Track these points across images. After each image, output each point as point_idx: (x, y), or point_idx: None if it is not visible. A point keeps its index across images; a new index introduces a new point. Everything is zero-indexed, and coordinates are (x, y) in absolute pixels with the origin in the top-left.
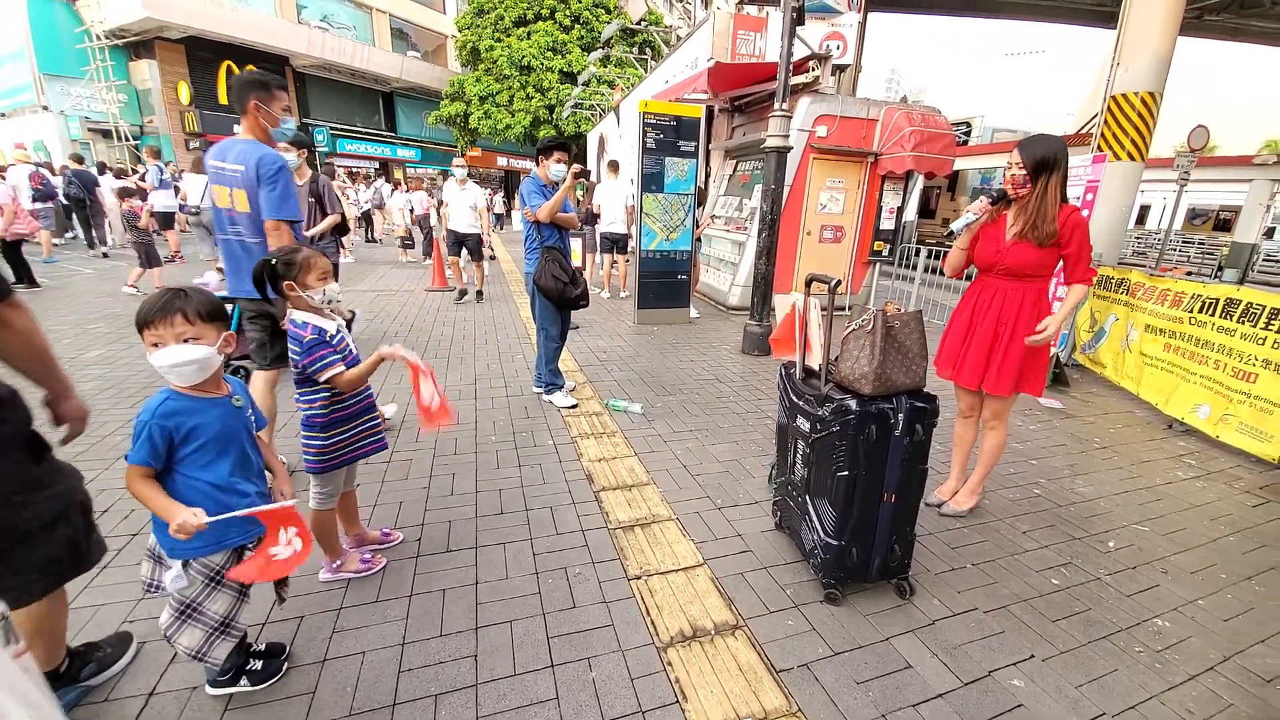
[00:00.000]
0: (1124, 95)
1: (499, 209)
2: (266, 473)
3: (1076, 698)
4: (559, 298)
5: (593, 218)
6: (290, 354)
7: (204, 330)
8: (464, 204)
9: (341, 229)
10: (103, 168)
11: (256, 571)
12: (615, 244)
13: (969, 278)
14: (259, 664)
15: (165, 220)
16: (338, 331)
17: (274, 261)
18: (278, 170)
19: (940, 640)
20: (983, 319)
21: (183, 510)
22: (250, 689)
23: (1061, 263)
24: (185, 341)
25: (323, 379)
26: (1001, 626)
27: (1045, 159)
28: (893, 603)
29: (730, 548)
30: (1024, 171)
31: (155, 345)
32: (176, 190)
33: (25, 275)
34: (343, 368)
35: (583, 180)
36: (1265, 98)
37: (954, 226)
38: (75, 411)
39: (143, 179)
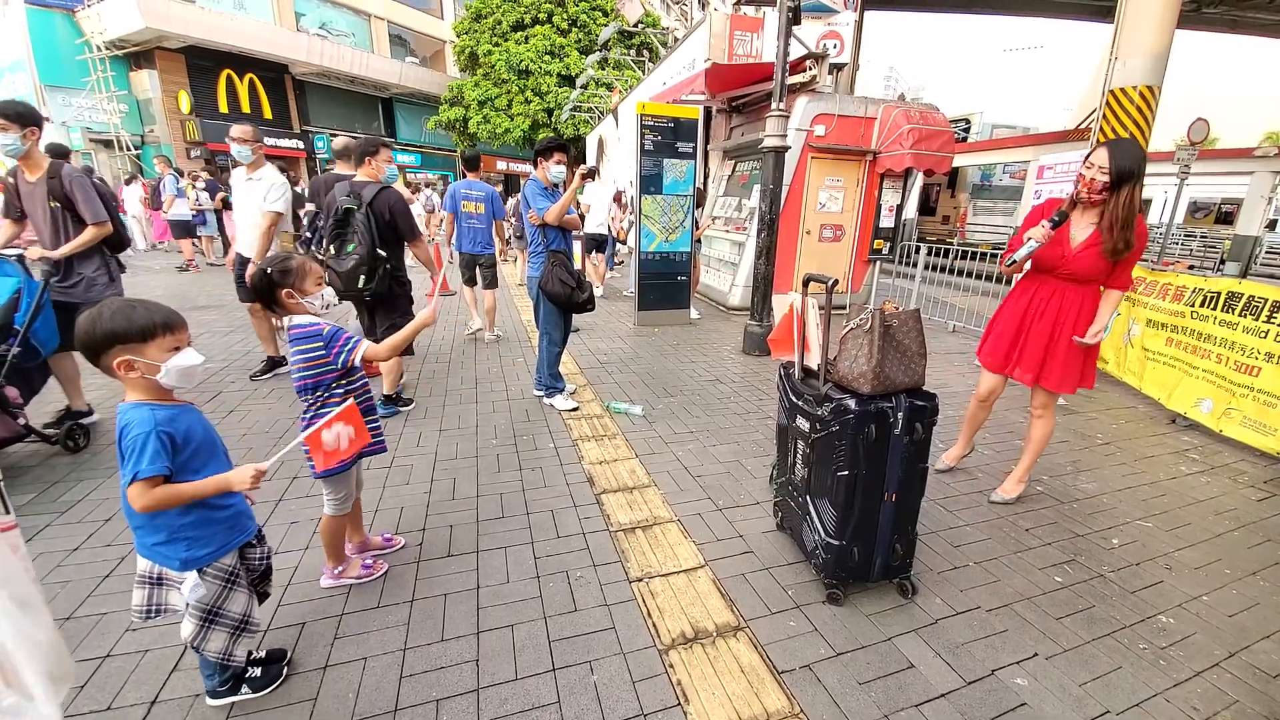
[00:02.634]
0: (1122, 89)
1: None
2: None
3: (1080, 696)
4: (566, 302)
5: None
6: (302, 356)
7: None
8: (249, 204)
9: (115, 243)
10: (131, 178)
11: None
12: (597, 244)
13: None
14: (258, 671)
15: (181, 230)
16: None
17: (269, 271)
18: (496, 194)
19: (943, 639)
20: (1038, 318)
21: (237, 471)
22: (251, 696)
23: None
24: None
25: (356, 359)
26: (1004, 625)
27: (1129, 170)
28: (895, 602)
29: (732, 549)
30: (1106, 179)
31: (176, 349)
32: (221, 201)
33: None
34: (367, 342)
35: (590, 180)
36: (1266, 89)
37: (1018, 257)
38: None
39: (158, 189)
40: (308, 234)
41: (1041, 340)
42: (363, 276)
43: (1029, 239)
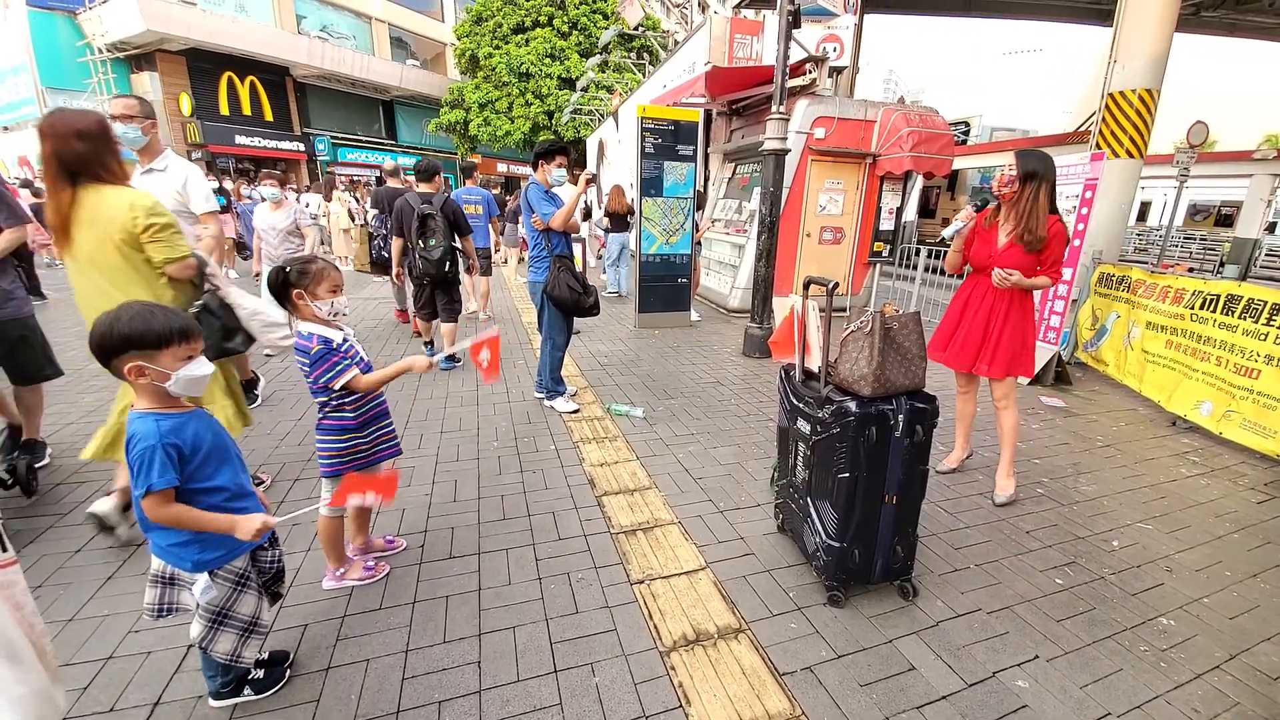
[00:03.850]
0: (1121, 93)
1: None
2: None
3: (1081, 698)
4: (573, 307)
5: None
6: (299, 366)
7: None
8: None
9: (23, 251)
10: None
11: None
12: None
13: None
14: (260, 672)
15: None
16: (345, 340)
17: (287, 269)
18: (490, 196)
19: (944, 642)
20: (975, 312)
21: (247, 518)
22: (254, 698)
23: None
24: (201, 355)
25: (337, 386)
26: (1005, 627)
27: (1036, 169)
28: (896, 604)
29: (733, 551)
30: (1014, 173)
31: (189, 358)
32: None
33: (35, 287)
34: (356, 371)
35: (592, 185)
36: (1264, 92)
37: (945, 234)
38: None
39: None
40: (383, 232)
41: (977, 332)
42: (447, 262)
43: (956, 220)
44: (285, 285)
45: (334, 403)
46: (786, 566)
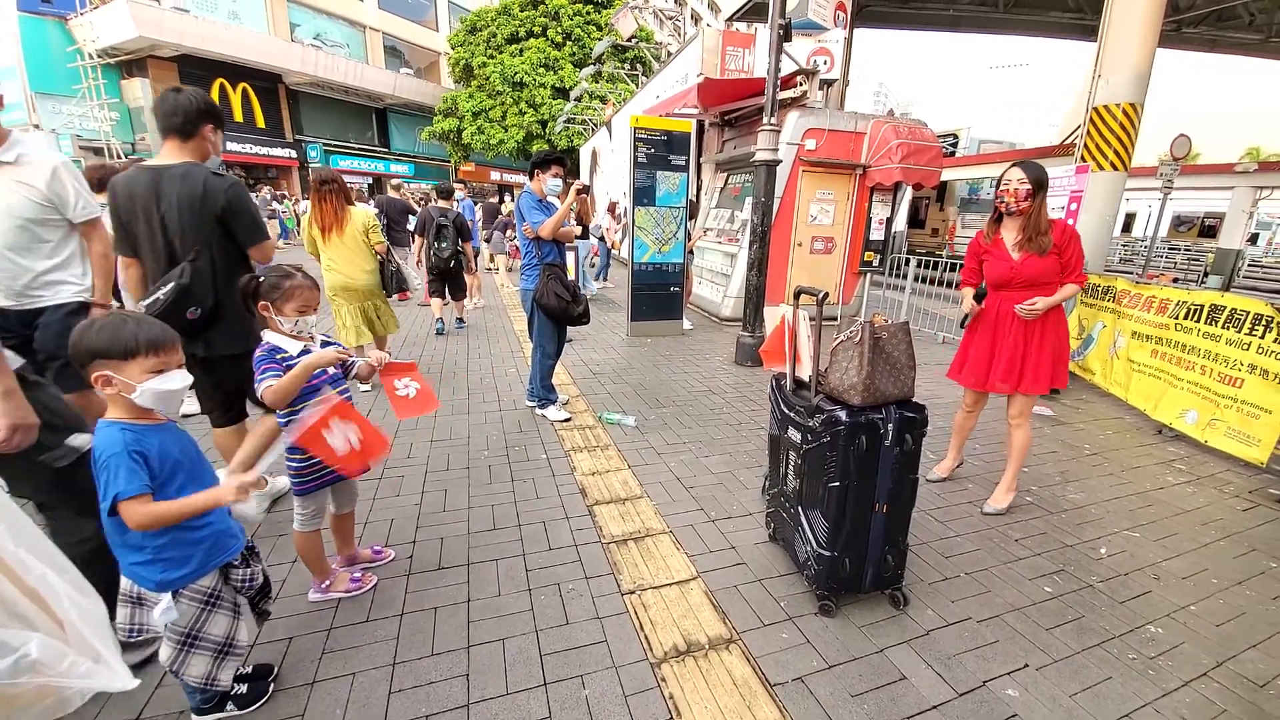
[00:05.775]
0: (1105, 107)
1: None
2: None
3: (1071, 707)
4: (562, 316)
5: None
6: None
7: None
8: None
9: None
10: None
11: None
12: None
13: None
14: (243, 688)
15: None
16: (300, 355)
17: (260, 279)
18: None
19: (935, 651)
20: (1008, 332)
21: (227, 481)
22: (237, 713)
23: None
24: (178, 368)
25: (259, 392)
26: (995, 636)
27: (1041, 177)
28: (887, 613)
29: (724, 560)
30: (1028, 187)
31: (159, 371)
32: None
33: None
34: (272, 382)
35: (584, 195)
36: (1245, 106)
37: (964, 316)
38: None
39: None
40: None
41: (1017, 350)
42: (452, 260)
43: (963, 308)
44: (255, 294)
45: (287, 415)
46: (778, 576)
